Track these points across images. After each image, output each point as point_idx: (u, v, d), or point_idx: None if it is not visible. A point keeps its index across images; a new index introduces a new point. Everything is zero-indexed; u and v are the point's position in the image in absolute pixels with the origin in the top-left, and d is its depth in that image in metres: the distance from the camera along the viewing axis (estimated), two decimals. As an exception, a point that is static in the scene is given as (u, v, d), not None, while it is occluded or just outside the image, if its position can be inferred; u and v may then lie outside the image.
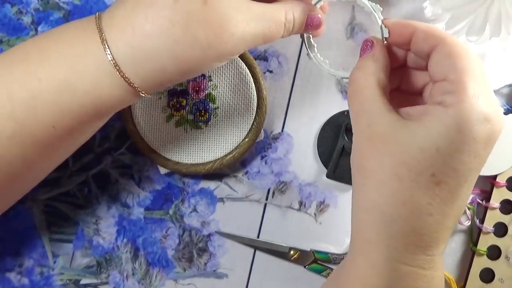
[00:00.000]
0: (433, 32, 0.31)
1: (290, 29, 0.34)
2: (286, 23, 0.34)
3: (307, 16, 0.35)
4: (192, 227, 0.44)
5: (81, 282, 0.44)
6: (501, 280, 0.42)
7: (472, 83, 0.28)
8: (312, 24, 0.35)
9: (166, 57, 0.31)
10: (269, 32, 0.33)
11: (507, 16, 0.38)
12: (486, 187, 0.44)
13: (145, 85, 0.32)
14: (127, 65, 0.31)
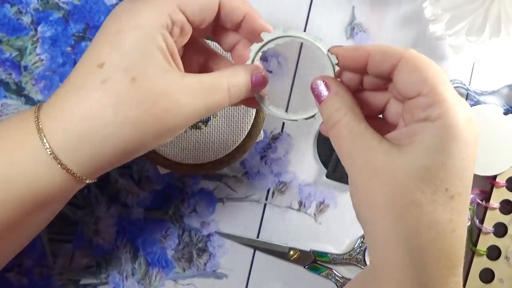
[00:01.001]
0: (389, 51, 0.31)
1: (237, 95, 0.34)
2: (231, 89, 0.33)
3: (251, 78, 0.34)
4: (192, 227, 0.44)
5: (81, 282, 0.44)
6: (501, 280, 0.42)
7: (447, 91, 0.29)
8: (258, 84, 0.35)
9: (100, 141, 0.30)
10: (211, 102, 0.32)
11: (507, 16, 0.38)
12: (486, 187, 0.44)
13: (85, 171, 0.31)
14: (64, 152, 0.30)
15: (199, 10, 0.33)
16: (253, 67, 0.35)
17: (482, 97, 0.44)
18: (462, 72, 0.44)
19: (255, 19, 0.34)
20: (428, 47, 0.44)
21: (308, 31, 0.44)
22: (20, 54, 0.44)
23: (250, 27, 0.35)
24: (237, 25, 0.35)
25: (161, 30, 0.31)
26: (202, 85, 0.32)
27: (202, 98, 0.32)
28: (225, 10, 0.34)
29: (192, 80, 0.32)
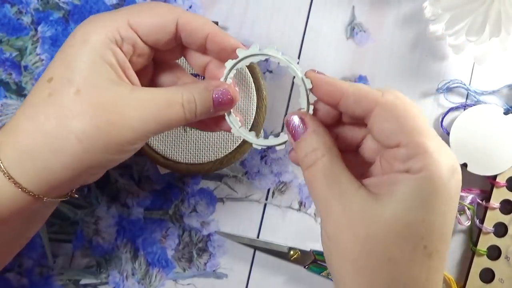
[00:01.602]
0: (365, 95, 0.29)
1: (193, 110, 0.32)
2: (185, 104, 0.32)
3: (213, 93, 0.33)
4: (192, 227, 0.44)
5: (81, 282, 0.44)
6: (501, 280, 0.42)
7: (429, 140, 0.27)
8: (221, 100, 0.33)
9: (46, 154, 0.30)
10: (162, 116, 0.31)
11: (507, 16, 0.38)
12: (486, 187, 0.44)
13: (35, 186, 0.30)
14: (15, 168, 0.30)
15: (151, 30, 0.32)
16: (217, 83, 0.33)
17: (482, 97, 0.44)
18: (462, 72, 0.44)
19: (222, 39, 0.33)
20: (428, 47, 0.44)
21: (308, 31, 0.44)
22: (20, 54, 0.44)
23: (217, 47, 0.33)
24: (201, 46, 0.34)
25: (110, 45, 0.31)
26: (153, 99, 0.31)
27: (152, 112, 0.31)
28: (185, 31, 0.33)
29: (143, 93, 0.31)
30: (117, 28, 0.32)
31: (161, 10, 0.33)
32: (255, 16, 0.44)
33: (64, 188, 0.32)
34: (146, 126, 0.31)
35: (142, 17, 0.32)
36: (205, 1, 0.44)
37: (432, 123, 0.44)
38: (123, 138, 0.31)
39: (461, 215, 0.43)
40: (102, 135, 0.30)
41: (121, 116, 0.30)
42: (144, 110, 0.31)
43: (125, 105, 0.30)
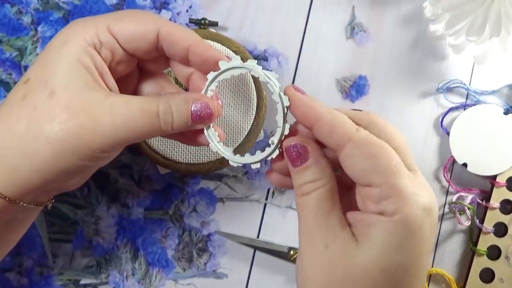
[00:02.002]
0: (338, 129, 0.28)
1: (169, 121, 0.31)
2: (161, 114, 0.31)
3: (193, 106, 0.32)
4: (192, 227, 0.44)
5: (81, 282, 0.44)
6: (501, 280, 0.42)
7: (402, 180, 0.27)
8: (200, 114, 0.32)
9: (16, 155, 0.29)
10: (136, 125, 0.30)
11: (507, 16, 0.38)
12: (486, 187, 0.44)
13: (7, 189, 0.30)
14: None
15: (131, 37, 0.32)
16: (197, 96, 0.32)
17: (482, 96, 0.44)
18: (462, 72, 0.44)
19: (204, 51, 0.32)
20: (428, 47, 0.44)
21: (308, 31, 0.44)
22: (20, 54, 0.44)
23: (199, 59, 0.33)
24: (183, 58, 0.33)
25: (87, 48, 0.31)
26: (128, 107, 0.30)
27: (125, 119, 0.30)
28: (166, 42, 0.32)
29: (118, 100, 0.31)
30: (96, 32, 0.31)
31: (143, 18, 0.32)
32: (255, 16, 0.44)
33: (37, 192, 0.32)
34: (117, 133, 0.30)
35: (123, 24, 0.32)
36: (205, 1, 0.44)
37: (432, 123, 0.44)
38: (93, 144, 0.30)
39: (461, 215, 0.43)
40: (72, 139, 0.29)
41: (92, 121, 0.30)
42: (117, 117, 0.30)
43: (98, 110, 0.30)
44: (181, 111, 0.32)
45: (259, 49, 0.44)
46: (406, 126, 0.44)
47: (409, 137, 0.44)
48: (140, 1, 0.44)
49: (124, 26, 0.32)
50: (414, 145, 0.44)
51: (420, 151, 0.44)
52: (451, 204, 0.43)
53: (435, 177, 0.44)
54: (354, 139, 0.28)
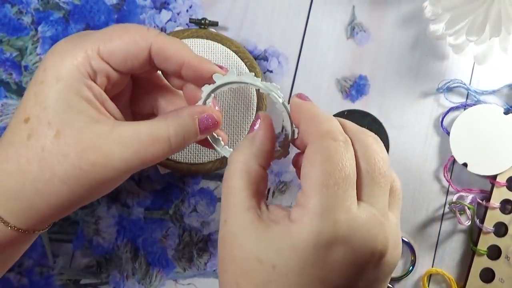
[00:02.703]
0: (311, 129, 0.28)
1: (181, 143, 0.32)
2: (172, 138, 0.31)
3: (199, 120, 0.32)
4: (192, 227, 0.44)
5: (81, 282, 0.44)
6: (501, 280, 0.42)
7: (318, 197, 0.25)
8: (207, 127, 0.32)
9: (30, 195, 0.30)
10: (147, 154, 0.30)
11: (507, 16, 0.38)
12: (486, 187, 0.44)
13: (25, 223, 0.31)
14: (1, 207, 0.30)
15: (123, 59, 0.31)
16: (200, 109, 0.32)
17: (482, 96, 0.44)
18: (462, 72, 0.44)
19: (197, 67, 0.32)
20: (428, 46, 0.44)
21: (308, 31, 0.44)
22: (21, 54, 0.44)
23: (192, 74, 0.32)
24: (176, 72, 0.33)
25: (84, 80, 0.30)
26: (137, 136, 0.30)
27: (136, 150, 0.30)
28: (158, 58, 0.32)
29: (125, 130, 0.30)
30: (88, 59, 0.31)
31: (132, 36, 0.31)
32: (255, 16, 0.44)
33: (51, 221, 0.32)
34: (129, 165, 0.30)
35: (113, 45, 0.31)
36: (205, 1, 0.44)
37: (432, 123, 0.44)
38: (106, 178, 0.30)
39: (461, 215, 0.43)
40: (85, 176, 0.30)
41: (103, 157, 0.30)
42: (127, 149, 0.30)
43: (107, 144, 0.30)
44: (190, 128, 0.32)
45: (259, 49, 0.44)
46: (406, 126, 0.44)
47: (409, 137, 0.44)
48: (140, 1, 0.44)
49: (115, 49, 0.31)
50: (414, 145, 0.44)
51: (420, 151, 0.44)
52: (451, 204, 0.43)
53: (435, 177, 0.44)
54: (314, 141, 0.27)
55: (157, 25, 0.44)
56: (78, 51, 0.31)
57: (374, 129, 0.44)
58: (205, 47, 0.42)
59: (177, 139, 0.31)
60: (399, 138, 0.44)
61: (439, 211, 0.44)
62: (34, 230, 0.32)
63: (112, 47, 0.31)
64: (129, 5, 0.44)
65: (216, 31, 0.43)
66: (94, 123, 0.30)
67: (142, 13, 0.44)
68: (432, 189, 0.44)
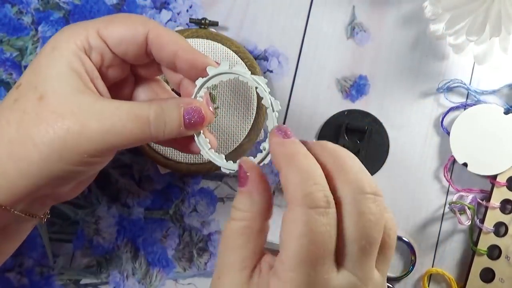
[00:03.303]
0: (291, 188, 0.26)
1: (161, 127, 0.31)
2: (152, 119, 0.30)
3: (184, 110, 0.31)
4: (192, 227, 0.44)
5: (81, 282, 0.44)
6: (501, 280, 0.42)
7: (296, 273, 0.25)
8: (192, 119, 0.31)
9: (3, 158, 0.29)
10: (124, 129, 0.30)
11: (507, 16, 0.38)
12: (486, 187, 0.44)
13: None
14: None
15: (120, 40, 0.32)
16: (189, 100, 0.32)
17: (482, 96, 0.44)
18: (462, 72, 0.44)
19: (191, 56, 0.32)
20: (428, 46, 0.44)
21: (308, 31, 0.44)
22: (21, 54, 0.44)
23: (186, 65, 0.32)
24: (171, 63, 0.33)
25: (77, 52, 0.31)
26: (117, 111, 0.30)
27: (114, 124, 0.30)
28: (155, 45, 0.32)
29: (107, 104, 0.30)
30: (86, 36, 0.31)
31: (132, 21, 0.32)
32: (255, 16, 0.44)
33: (29, 200, 0.31)
34: (105, 138, 0.30)
35: (113, 27, 0.32)
36: (205, 1, 0.44)
37: (432, 123, 0.44)
38: (80, 148, 0.30)
39: (462, 215, 0.43)
40: (58, 142, 0.29)
41: (79, 125, 0.29)
42: (105, 121, 0.30)
43: (86, 114, 0.30)
44: (172, 115, 0.31)
45: (259, 49, 0.44)
46: (406, 126, 0.44)
47: (409, 137, 0.44)
48: (140, 1, 0.44)
49: (114, 29, 0.32)
50: (414, 145, 0.44)
51: (420, 151, 0.44)
52: (451, 204, 0.43)
53: (435, 177, 0.44)
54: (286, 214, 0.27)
55: (157, 25, 0.44)
56: (79, 28, 0.32)
57: (374, 129, 0.44)
58: (205, 47, 0.42)
59: (157, 122, 0.31)
60: (399, 138, 0.44)
61: (439, 211, 0.44)
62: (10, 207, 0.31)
63: (112, 27, 0.32)
64: (129, 5, 0.44)
65: (216, 31, 0.43)
66: (78, 93, 0.30)
67: (142, 13, 0.44)
68: (432, 189, 0.44)
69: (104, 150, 0.30)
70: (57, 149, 0.29)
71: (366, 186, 0.26)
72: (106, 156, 0.32)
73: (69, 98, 0.30)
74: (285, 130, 0.29)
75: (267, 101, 0.31)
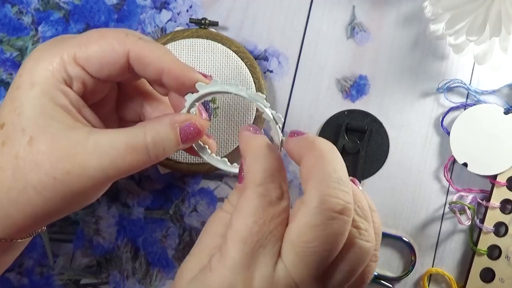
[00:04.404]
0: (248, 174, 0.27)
1: (161, 152, 0.30)
2: (150, 146, 0.30)
3: (180, 129, 0.31)
4: (192, 227, 0.44)
5: (81, 282, 0.44)
6: (501, 280, 0.42)
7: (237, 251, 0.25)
8: (189, 136, 0.31)
9: (5, 204, 0.29)
10: (124, 162, 0.29)
11: (507, 16, 0.38)
12: (487, 187, 0.44)
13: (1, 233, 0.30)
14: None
15: (100, 65, 0.30)
16: (182, 117, 0.31)
17: (482, 96, 0.44)
18: (462, 72, 0.44)
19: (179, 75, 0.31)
20: (428, 46, 0.44)
21: (308, 31, 0.44)
22: (21, 54, 0.44)
23: (174, 83, 0.31)
24: (157, 81, 0.32)
25: (59, 86, 0.29)
26: (113, 145, 0.29)
27: (113, 159, 0.29)
28: (137, 65, 0.31)
29: (101, 138, 0.29)
30: (63, 65, 0.30)
31: (108, 42, 0.30)
32: (255, 16, 0.44)
33: (30, 230, 0.31)
34: (106, 174, 0.29)
35: (89, 51, 0.30)
36: (206, 1, 0.44)
37: (433, 123, 0.44)
38: (82, 188, 0.29)
39: (462, 215, 0.43)
40: (60, 185, 0.29)
41: (77, 166, 0.29)
42: (103, 158, 0.29)
43: (82, 153, 0.29)
44: (170, 137, 0.31)
45: (259, 49, 0.44)
46: (406, 126, 0.44)
47: (409, 137, 0.44)
48: (140, 1, 0.44)
49: (91, 54, 0.30)
50: (414, 145, 0.44)
51: (420, 151, 0.44)
52: (451, 203, 0.43)
53: (435, 177, 0.44)
54: None
55: (157, 25, 0.44)
56: (54, 56, 0.30)
57: (374, 129, 0.44)
58: (205, 47, 0.42)
59: (155, 149, 0.30)
60: (399, 138, 0.44)
61: (439, 211, 0.44)
62: (12, 239, 0.31)
63: (88, 52, 0.30)
64: (129, 5, 0.44)
65: (216, 31, 0.43)
66: (69, 130, 0.29)
67: (142, 13, 0.44)
68: (432, 189, 0.44)
69: (104, 184, 0.30)
70: (60, 192, 0.29)
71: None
72: (106, 187, 0.32)
73: (60, 137, 0.29)
74: (256, 128, 0.30)
75: (268, 116, 0.31)
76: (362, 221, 0.27)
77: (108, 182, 0.31)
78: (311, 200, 0.25)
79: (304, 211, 0.25)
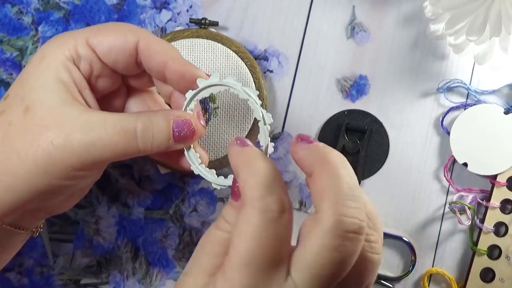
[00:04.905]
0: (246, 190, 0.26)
1: (149, 140, 0.30)
2: (139, 132, 0.29)
3: (174, 124, 0.30)
4: (192, 227, 0.44)
5: (81, 282, 0.44)
6: (501, 280, 0.42)
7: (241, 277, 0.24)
8: (182, 132, 0.31)
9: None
10: (110, 142, 0.29)
11: (507, 16, 0.38)
12: (487, 187, 0.44)
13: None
14: None
15: (109, 49, 0.31)
16: (178, 113, 0.31)
17: (482, 96, 0.44)
18: (462, 72, 0.44)
19: (180, 67, 0.31)
20: (428, 46, 0.44)
21: (308, 31, 0.44)
22: (21, 54, 0.44)
23: (175, 76, 0.31)
24: (160, 73, 0.32)
25: (65, 62, 0.30)
26: (102, 123, 0.29)
27: (99, 137, 0.29)
28: (144, 55, 0.31)
29: (93, 116, 0.29)
30: (75, 46, 0.30)
31: (122, 30, 0.31)
32: (255, 16, 0.44)
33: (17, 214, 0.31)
34: (90, 151, 0.29)
35: (102, 36, 0.31)
36: (205, 1, 0.44)
37: (433, 123, 0.44)
38: (65, 162, 0.29)
39: (462, 215, 0.43)
40: (42, 156, 0.28)
41: (62, 137, 0.28)
42: (89, 134, 0.29)
43: (71, 126, 0.29)
44: (161, 128, 0.30)
45: (259, 49, 0.44)
46: (406, 126, 0.44)
47: (409, 137, 0.44)
48: (141, 1, 0.44)
49: (103, 38, 0.31)
50: (414, 145, 0.44)
51: (420, 151, 0.44)
52: (451, 203, 0.43)
53: (435, 176, 0.44)
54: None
55: (157, 25, 0.44)
56: (69, 38, 0.31)
57: (374, 129, 0.44)
58: (205, 47, 0.42)
59: (144, 134, 0.30)
60: (399, 138, 0.44)
61: (439, 211, 0.44)
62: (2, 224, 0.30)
63: (101, 36, 0.31)
64: (129, 5, 0.44)
65: (216, 31, 0.43)
66: (65, 105, 0.29)
67: (142, 13, 0.44)
68: (432, 189, 0.44)
69: (89, 163, 0.29)
70: (42, 162, 0.28)
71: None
72: (93, 170, 0.31)
73: (55, 109, 0.29)
74: (243, 140, 0.28)
75: (258, 113, 0.30)
76: (373, 233, 0.27)
77: (92, 164, 0.29)
78: (327, 220, 0.24)
79: (320, 233, 0.24)
